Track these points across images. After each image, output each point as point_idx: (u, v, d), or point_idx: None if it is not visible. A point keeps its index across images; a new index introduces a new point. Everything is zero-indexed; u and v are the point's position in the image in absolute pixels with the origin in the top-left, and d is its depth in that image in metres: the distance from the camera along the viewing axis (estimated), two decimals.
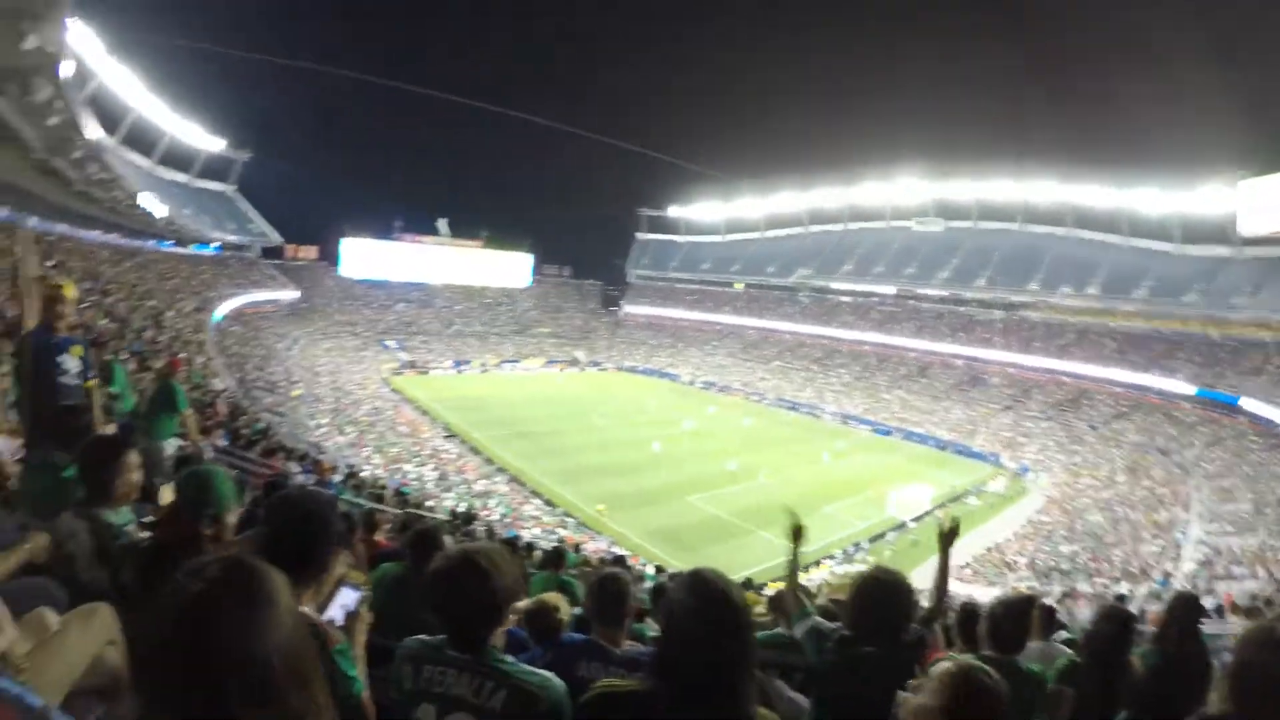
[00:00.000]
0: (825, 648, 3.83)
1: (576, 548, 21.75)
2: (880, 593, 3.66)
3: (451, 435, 53.68)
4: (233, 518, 3.62)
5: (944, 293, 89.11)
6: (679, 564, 28.07)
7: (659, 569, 24.35)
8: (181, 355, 32.99)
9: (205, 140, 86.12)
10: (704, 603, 2.34)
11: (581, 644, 3.95)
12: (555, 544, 25.17)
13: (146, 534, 3.84)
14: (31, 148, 37.04)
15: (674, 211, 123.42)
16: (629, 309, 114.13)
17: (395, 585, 5.14)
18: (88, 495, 3.94)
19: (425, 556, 4.87)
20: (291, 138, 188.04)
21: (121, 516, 3.98)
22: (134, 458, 4.10)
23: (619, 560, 19.04)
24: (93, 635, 2.79)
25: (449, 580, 2.75)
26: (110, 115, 61.89)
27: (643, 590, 9.86)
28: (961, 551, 34.93)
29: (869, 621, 3.62)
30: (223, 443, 16.80)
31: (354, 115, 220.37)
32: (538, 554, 13.79)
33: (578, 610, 5.96)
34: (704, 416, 67.00)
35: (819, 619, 4.12)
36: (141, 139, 75.05)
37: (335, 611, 3.12)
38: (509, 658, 2.80)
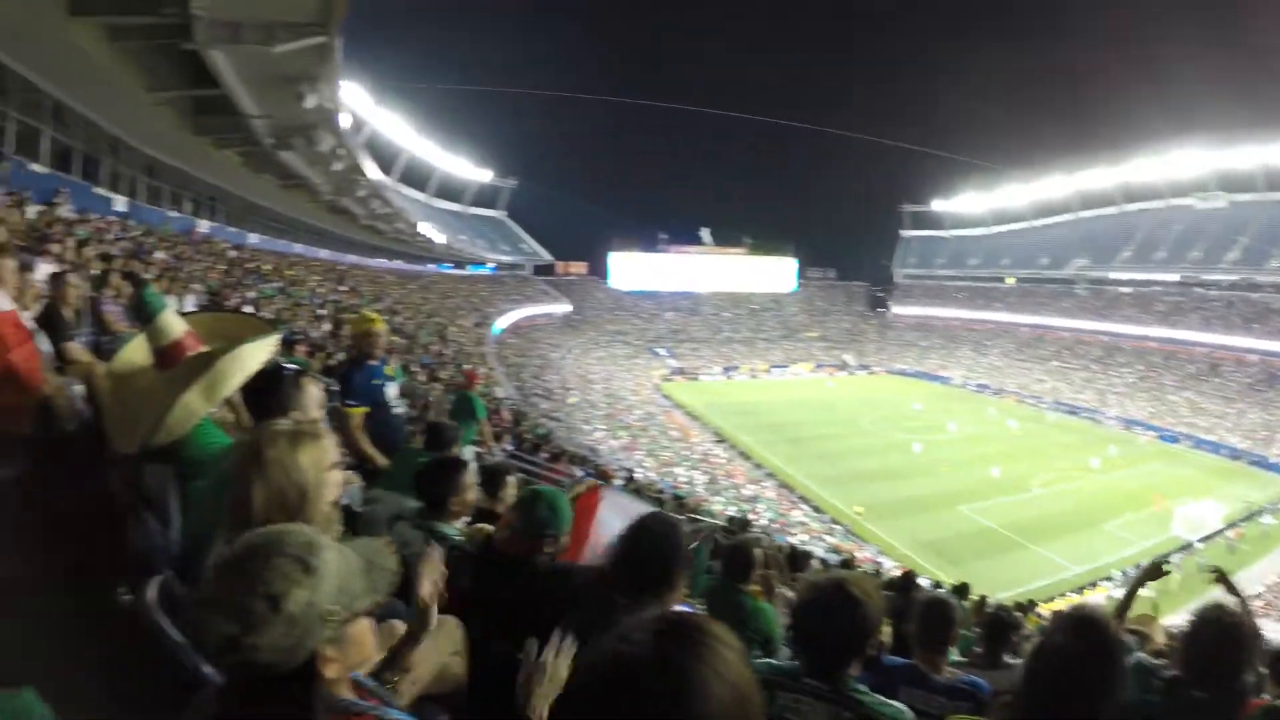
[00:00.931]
0: (1152, 686, 3.42)
1: (848, 562, 20.47)
2: (1221, 636, 3.21)
3: (721, 440, 53.86)
4: (566, 539, 3.76)
5: (1233, 277, 76.89)
6: (945, 577, 26.35)
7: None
8: (466, 366, 34.22)
9: (473, 172, 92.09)
10: (1092, 649, 2.31)
11: (903, 668, 3.87)
12: (835, 554, 25.97)
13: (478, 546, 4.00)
14: (321, 191, 41.16)
15: (937, 205, 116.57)
16: (897, 310, 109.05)
17: (711, 598, 5.34)
18: (425, 509, 4.19)
19: (739, 572, 5.27)
20: (556, 162, 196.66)
21: (452, 530, 4.17)
22: (471, 478, 4.34)
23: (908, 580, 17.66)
24: (441, 646, 3.02)
25: (821, 609, 2.71)
26: (386, 157, 66.60)
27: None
28: (1252, 580, 31.14)
29: (1204, 665, 3.20)
30: (509, 448, 17.15)
31: (614, 134, 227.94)
32: (815, 563, 13.89)
33: None
34: (976, 420, 63.75)
35: (1142, 654, 3.92)
36: (416, 175, 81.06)
37: None
38: (863, 686, 2.72)
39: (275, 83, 22.34)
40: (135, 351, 3.79)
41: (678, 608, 2.97)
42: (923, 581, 16.71)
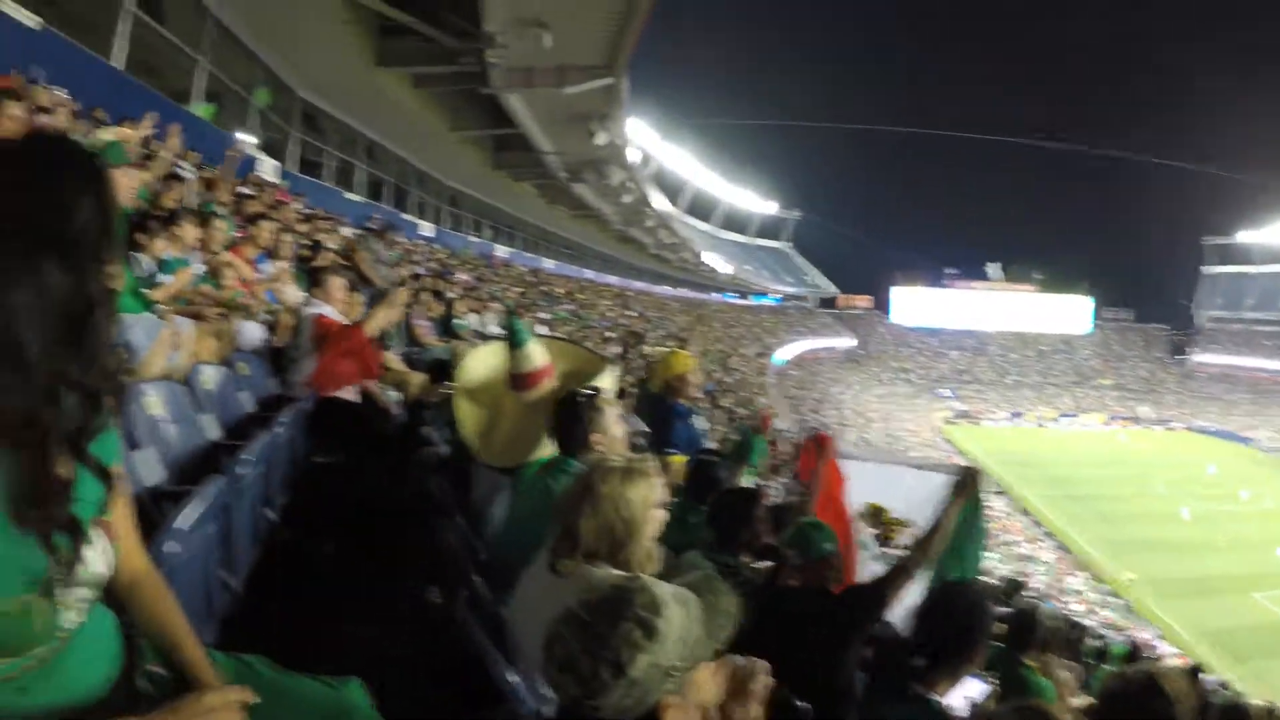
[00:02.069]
0: None
1: (1133, 654, 18.09)
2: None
3: (1001, 491, 50.74)
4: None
5: None
6: (1231, 674, 23.07)
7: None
8: (765, 407, 34.36)
9: (758, 204, 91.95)
10: None
11: None
12: (1112, 631, 23.55)
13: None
14: (611, 221, 43.20)
15: (1244, 237, 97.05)
16: (1199, 357, 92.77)
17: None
18: (716, 540, 4.14)
19: (1022, 643, 4.89)
20: (840, 194, 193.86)
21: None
22: (764, 512, 4.30)
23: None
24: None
25: (1129, 706, 2.58)
26: (672, 189, 67.96)
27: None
28: None
29: None
30: (785, 482, 17.09)
31: (899, 165, 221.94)
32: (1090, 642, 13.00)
33: None
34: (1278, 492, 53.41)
35: None
36: (701, 207, 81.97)
37: (956, 699, 2.99)
38: None
39: (567, 121, 23.87)
40: (477, 366, 4.21)
41: (968, 680, 2.97)
42: (1207, 679, 15.06)
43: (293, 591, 3.40)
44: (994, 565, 30.04)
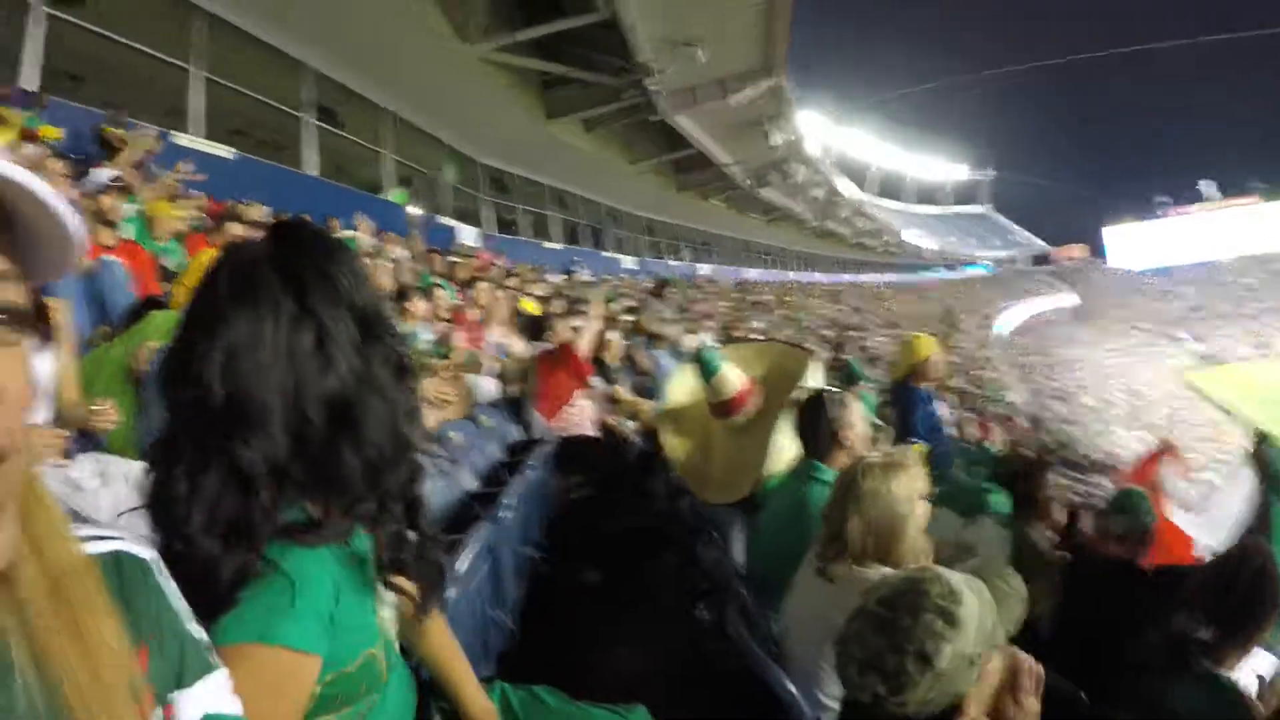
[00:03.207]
0: None
1: None
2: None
3: (1262, 439, 45.87)
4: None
5: None
6: None
7: None
8: (974, 374, 33.07)
9: (948, 170, 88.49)
10: None
11: None
12: None
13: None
14: (805, 218, 43.14)
15: None
16: None
17: None
18: (1015, 510, 4.19)
19: None
20: (1030, 143, 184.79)
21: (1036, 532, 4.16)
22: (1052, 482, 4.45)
23: None
24: None
25: None
26: (856, 174, 66.51)
27: None
28: None
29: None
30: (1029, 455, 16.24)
31: (1085, 99, 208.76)
32: None
33: None
34: None
35: None
36: (890, 186, 79.71)
37: (1244, 675, 2.78)
38: None
39: (739, 130, 24.10)
40: (678, 393, 4.26)
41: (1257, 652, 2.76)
42: None
43: (560, 622, 3.50)
44: None
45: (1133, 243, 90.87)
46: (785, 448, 3.67)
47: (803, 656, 2.42)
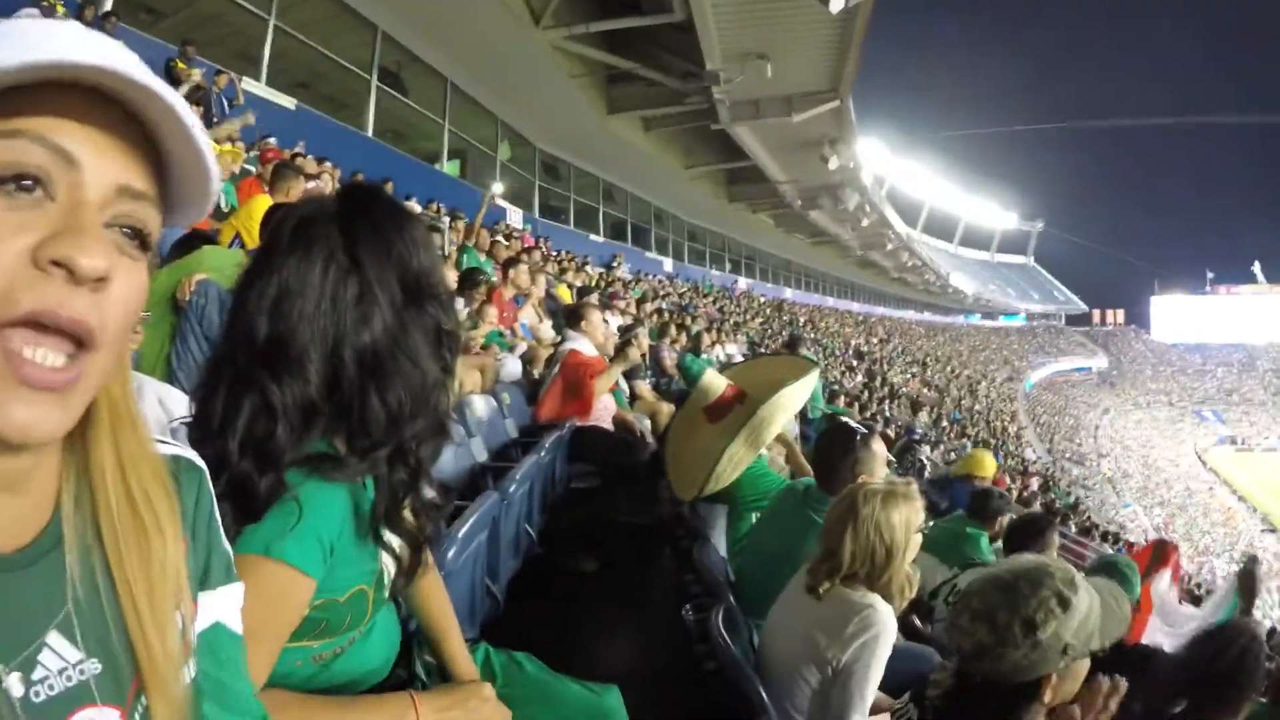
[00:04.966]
0: None
1: None
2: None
3: (1272, 529, 45.28)
4: None
5: None
6: None
7: None
8: (995, 425, 32.89)
9: (998, 217, 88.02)
10: None
11: None
12: None
13: None
14: (850, 246, 43.14)
15: None
16: None
17: None
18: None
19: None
20: (1084, 201, 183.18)
21: None
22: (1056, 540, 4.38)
23: None
24: None
25: None
26: (908, 209, 66.20)
27: None
28: None
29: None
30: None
31: (1148, 164, 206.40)
32: None
33: None
34: None
35: None
36: (939, 225, 79.15)
37: None
38: None
39: (797, 149, 24.04)
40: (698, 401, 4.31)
41: None
42: None
43: (548, 603, 3.58)
44: (1266, 610, 27.28)
45: (1176, 314, 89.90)
46: (742, 460, 3.77)
47: (780, 667, 2.47)
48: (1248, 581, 3.86)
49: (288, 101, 12.99)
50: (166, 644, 0.71)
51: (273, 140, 10.25)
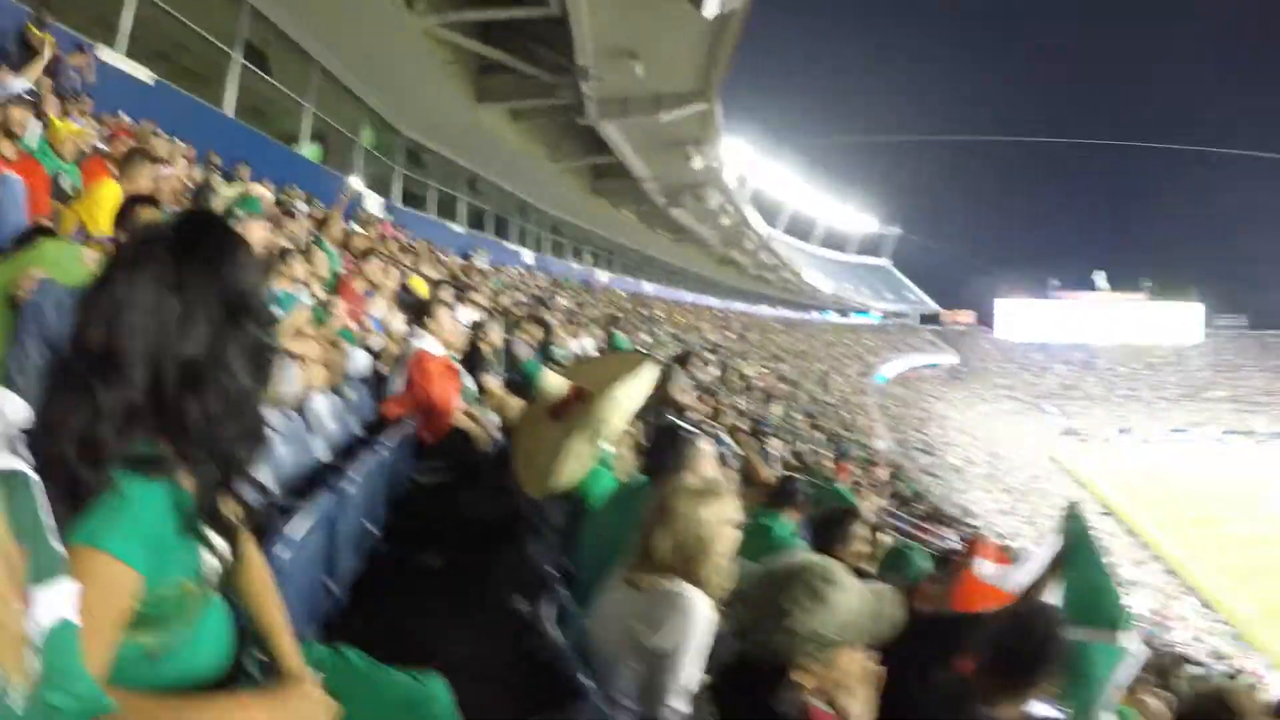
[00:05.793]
0: None
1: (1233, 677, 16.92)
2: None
3: (1108, 513, 48.46)
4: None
5: None
6: None
7: None
8: (847, 418, 33.93)
9: (857, 220, 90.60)
10: None
11: None
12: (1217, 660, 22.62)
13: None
14: (711, 244, 43.60)
15: None
16: None
17: None
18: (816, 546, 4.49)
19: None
20: (939, 207, 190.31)
21: None
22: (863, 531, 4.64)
23: None
24: None
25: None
26: (770, 208, 67.61)
27: None
28: None
29: None
30: (883, 504, 16.80)
31: (998, 177, 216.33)
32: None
33: None
34: None
35: None
36: (800, 226, 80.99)
37: None
38: None
39: (664, 147, 24.29)
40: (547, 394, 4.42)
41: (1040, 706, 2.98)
42: None
43: (391, 599, 3.66)
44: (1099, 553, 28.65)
45: (1021, 316, 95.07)
46: (585, 457, 3.91)
47: (604, 655, 2.56)
48: (1070, 529, 4.06)
49: (145, 75, 12.44)
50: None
51: (125, 116, 9.87)
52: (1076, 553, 3.69)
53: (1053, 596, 3.64)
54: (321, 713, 1.64)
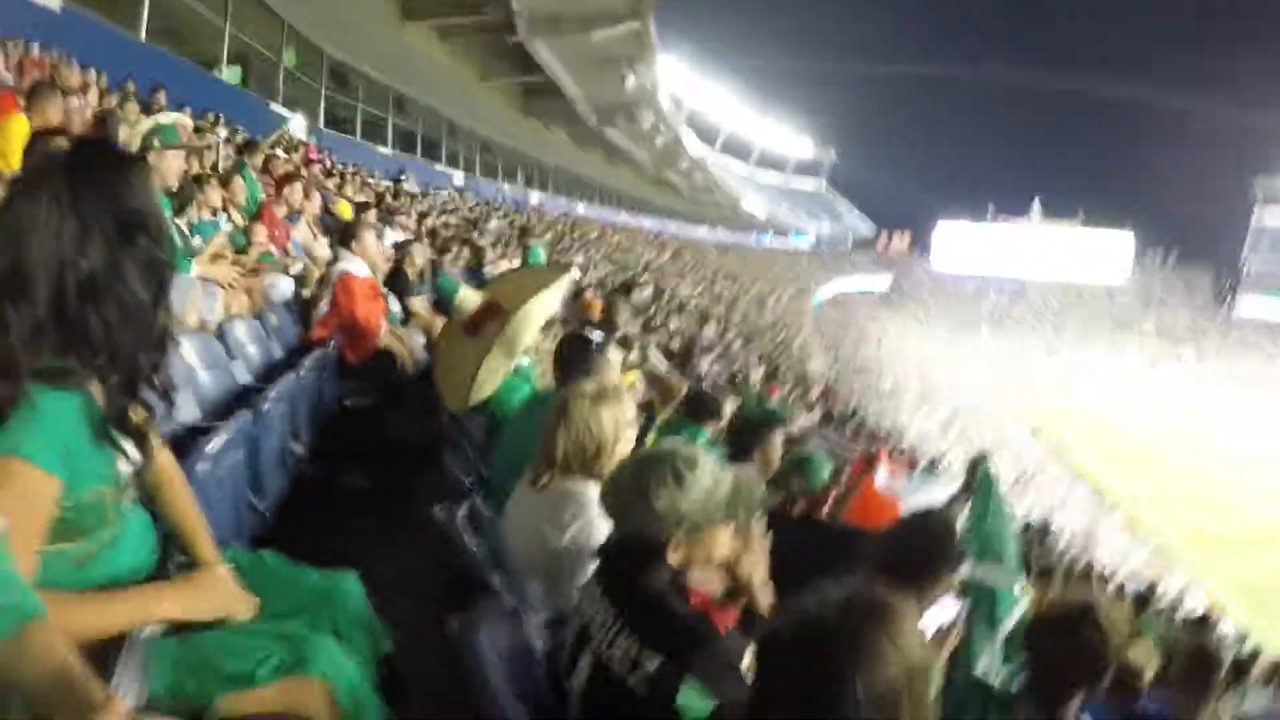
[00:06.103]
0: None
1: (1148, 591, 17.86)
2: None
3: (1036, 434, 49.77)
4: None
5: None
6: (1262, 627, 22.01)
7: None
8: (782, 339, 34.32)
9: (794, 143, 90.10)
10: None
11: (1156, 714, 3.75)
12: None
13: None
14: (644, 165, 43.30)
15: None
16: (1243, 308, 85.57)
17: None
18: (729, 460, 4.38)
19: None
20: (878, 134, 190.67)
21: None
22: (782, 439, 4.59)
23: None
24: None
25: (1059, 631, 2.64)
26: (707, 130, 67.14)
27: None
28: None
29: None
30: (814, 420, 17.05)
31: (944, 108, 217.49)
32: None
33: None
34: None
35: None
36: (737, 147, 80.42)
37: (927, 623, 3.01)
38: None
39: (596, 67, 23.96)
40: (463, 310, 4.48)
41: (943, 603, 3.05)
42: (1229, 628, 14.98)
43: (318, 520, 3.77)
44: (1027, 511, 29.39)
45: (957, 243, 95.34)
46: (499, 369, 4.06)
47: (514, 557, 2.70)
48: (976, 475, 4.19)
49: (53, 2, 11.93)
50: None
51: (34, 47, 9.54)
52: (981, 501, 3.86)
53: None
54: (233, 597, 1.78)
